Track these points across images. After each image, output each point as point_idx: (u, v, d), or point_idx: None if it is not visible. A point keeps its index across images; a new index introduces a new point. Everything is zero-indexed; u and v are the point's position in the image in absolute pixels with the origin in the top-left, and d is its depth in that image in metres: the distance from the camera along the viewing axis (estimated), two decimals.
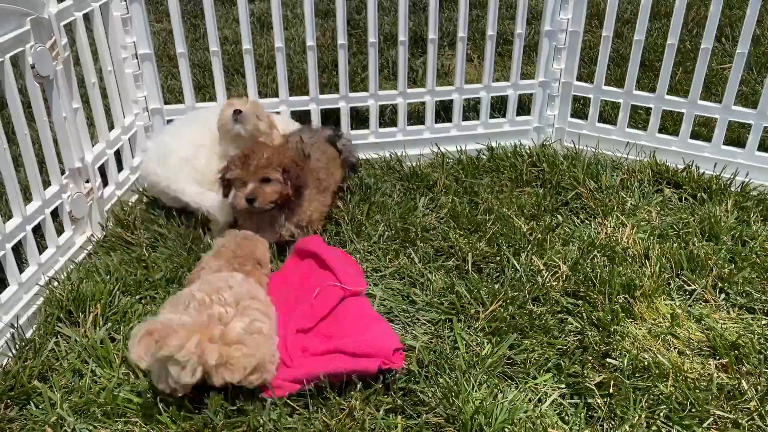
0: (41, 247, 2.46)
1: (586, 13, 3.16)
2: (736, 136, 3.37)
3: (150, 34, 2.96)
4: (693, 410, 1.96)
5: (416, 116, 3.67)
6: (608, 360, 2.15)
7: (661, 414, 1.95)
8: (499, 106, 3.71)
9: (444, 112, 3.65)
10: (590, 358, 2.16)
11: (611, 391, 2.02)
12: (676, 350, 2.21)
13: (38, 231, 2.47)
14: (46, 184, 2.51)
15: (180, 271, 2.49)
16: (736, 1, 5.13)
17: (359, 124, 3.54)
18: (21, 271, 2.32)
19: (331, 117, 3.46)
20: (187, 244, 2.62)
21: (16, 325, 2.21)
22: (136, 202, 2.98)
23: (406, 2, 3.06)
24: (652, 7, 4.97)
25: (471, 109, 3.81)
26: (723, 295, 2.44)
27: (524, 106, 3.60)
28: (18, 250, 2.48)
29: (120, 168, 2.98)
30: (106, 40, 2.77)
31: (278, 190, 2.51)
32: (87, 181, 2.64)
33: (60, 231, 2.56)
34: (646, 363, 2.11)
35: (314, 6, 3.04)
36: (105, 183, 2.87)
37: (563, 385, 2.09)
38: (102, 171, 2.83)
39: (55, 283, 2.43)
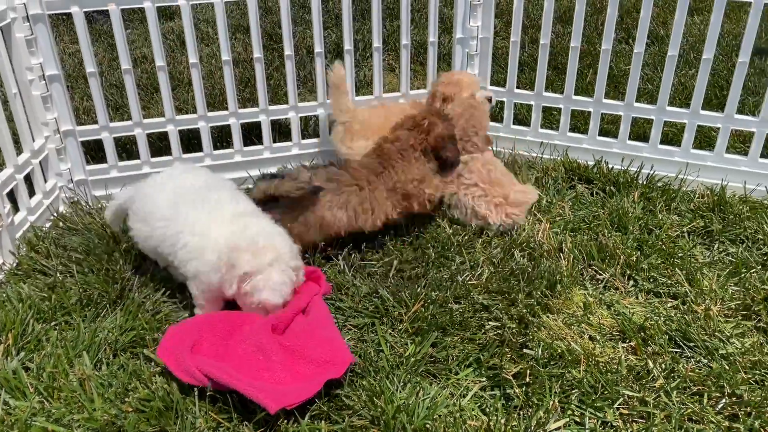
0: None
1: (501, 21, 3.28)
2: (642, 131, 3.55)
3: (58, 54, 2.89)
4: (604, 392, 2.06)
5: None
6: (525, 351, 2.22)
7: (574, 398, 2.03)
8: None
9: None
10: (508, 350, 2.23)
11: (528, 380, 2.10)
12: (588, 336, 2.31)
13: None
14: None
15: (95, 293, 2.43)
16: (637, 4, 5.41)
17: (282, 136, 3.55)
18: None
19: (253, 131, 3.46)
20: (103, 268, 2.56)
21: None
22: (50, 227, 2.89)
23: (320, 14, 3.10)
24: (565, 12, 5.27)
25: None
26: (631, 282, 2.57)
27: None
28: None
29: (32, 193, 2.89)
30: (9, 62, 2.69)
31: None
32: None
33: None
34: (560, 351, 2.20)
35: (232, 21, 3.00)
36: (16, 209, 2.79)
37: (484, 378, 2.15)
38: (12, 197, 2.74)
39: None
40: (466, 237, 2.80)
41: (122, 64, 2.95)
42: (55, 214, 2.95)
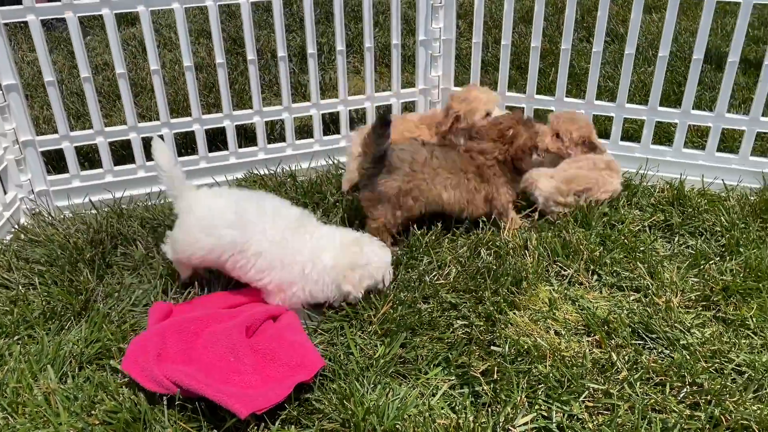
0: None
1: (466, 22, 3.33)
2: (604, 128, 3.62)
3: (15, 63, 2.83)
4: (570, 386, 2.09)
5: (307, 130, 3.71)
6: (493, 348, 2.25)
7: (541, 392, 2.07)
8: None
9: (333, 124, 3.71)
10: (476, 348, 2.26)
11: (496, 376, 2.13)
12: (554, 332, 2.35)
13: None
14: None
15: (59, 305, 2.39)
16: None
17: (248, 141, 3.53)
18: None
19: (218, 137, 3.44)
20: (66, 279, 2.52)
21: None
22: (11, 240, 2.84)
23: (281, 18, 3.10)
24: (527, 12, 5.34)
25: (360, 120, 3.89)
26: (595, 277, 2.62)
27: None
28: None
29: None
30: None
31: None
32: None
33: None
34: (526, 347, 2.23)
35: (195, 26, 2.97)
36: None
37: (453, 377, 2.18)
38: None
39: None
40: (434, 237, 2.82)
41: (81, 73, 2.91)
42: (17, 227, 2.90)
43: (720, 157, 3.17)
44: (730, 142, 3.47)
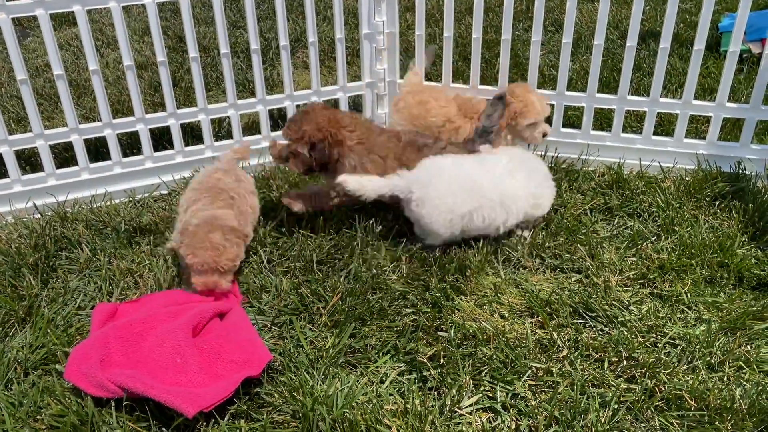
0: None
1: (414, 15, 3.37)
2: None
3: None
4: (514, 367, 2.16)
5: (256, 126, 3.70)
6: (439, 333, 2.31)
7: (486, 374, 2.13)
8: None
9: (281, 119, 3.71)
10: (423, 334, 2.31)
11: (442, 361, 2.18)
12: (499, 315, 2.42)
13: None
14: None
15: (1, 312, 2.35)
16: None
17: (195, 140, 3.51)
18: None
19: (164, 136, 3.41)
20: (9, 285, 2.48)
21: None
22: None
23: (222, 14, 3.08)
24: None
25: None
26: (539, 260, 2.70)
27: (359, 107, 3.74)
28: None
29: None
30: None
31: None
32: None
33: None
34: (472, 331, 2.29)
35: (140, 25, 2.93)
36: None
37: (401, 364, 2.22)
38: None
39: None
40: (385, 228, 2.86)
41: (17, 75, 2.85)
42: None
43: (656, 140, 3.29)
44: (666, 125, 3.59)
